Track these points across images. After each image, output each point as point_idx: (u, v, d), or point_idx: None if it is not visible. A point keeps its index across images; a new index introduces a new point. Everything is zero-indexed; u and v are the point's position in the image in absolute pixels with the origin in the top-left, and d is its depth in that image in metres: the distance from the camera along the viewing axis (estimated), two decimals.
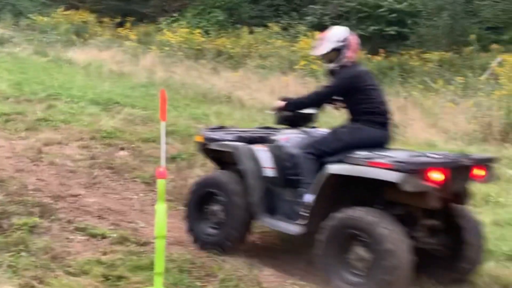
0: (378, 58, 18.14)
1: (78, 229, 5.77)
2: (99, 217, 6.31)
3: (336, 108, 5.81)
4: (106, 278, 4.59)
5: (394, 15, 20.12)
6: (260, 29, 21.89)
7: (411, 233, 4.88)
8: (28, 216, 5.75)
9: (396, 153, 4.98)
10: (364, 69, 5.68)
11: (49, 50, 19.65)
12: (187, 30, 20.60)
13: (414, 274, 4.93)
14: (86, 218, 6.19)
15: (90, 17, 23.81)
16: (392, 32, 20.14)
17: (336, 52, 5.38)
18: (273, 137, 5.78)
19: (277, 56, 17.76)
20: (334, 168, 5.00)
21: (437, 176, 4.62)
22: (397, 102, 13.85)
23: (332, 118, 9.57)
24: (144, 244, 5.54)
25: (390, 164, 4.61)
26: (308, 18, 23.25)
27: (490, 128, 11.47)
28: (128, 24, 23.17)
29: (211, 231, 5.68)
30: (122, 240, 5.58)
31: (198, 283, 4.74)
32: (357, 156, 4.92)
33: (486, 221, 6.06)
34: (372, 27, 20.33)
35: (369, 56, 18.07)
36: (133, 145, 9.22)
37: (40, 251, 4.96)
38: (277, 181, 5.57)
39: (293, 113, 5.75)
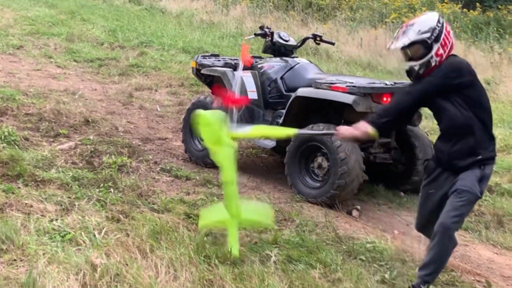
0: (475, 12, 17.41)
1: (164, 170, 6.00)
2: (184, 160, 6.53)
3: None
4: (188, 216, 4.76)
5: None
6: None
7: (368, 150, 5.69)
8: (118, 156, 6.00)
9: (356, 80, 5.71)
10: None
11: None
12: None
13: (373, 186, 6.03)
14: (171, 161, 6.43)
15: None
16: None
17: (420, 46, 3.86)
18: (258, 65, 6.46)
19: (368, 8, 17.37)
20: (301, 91, 5.72)
21: (384, 99, 5.29)
22: (491, 58, 13.36)
23: None
24: None
25: (346, 88, 5.32)
26: None
27: None
28: None
29: (200, 147, 6.36)
30: (205, 182, 5.77)
31: (275, 227, 4.82)
32: (323, 81, 5.61)
33: None
34: None
35: (465, 10, 17.38)
36: None
37: (127, 188, 5.19)
38: (259, 103, 6.28)
39: (274, 44, 6.56)
